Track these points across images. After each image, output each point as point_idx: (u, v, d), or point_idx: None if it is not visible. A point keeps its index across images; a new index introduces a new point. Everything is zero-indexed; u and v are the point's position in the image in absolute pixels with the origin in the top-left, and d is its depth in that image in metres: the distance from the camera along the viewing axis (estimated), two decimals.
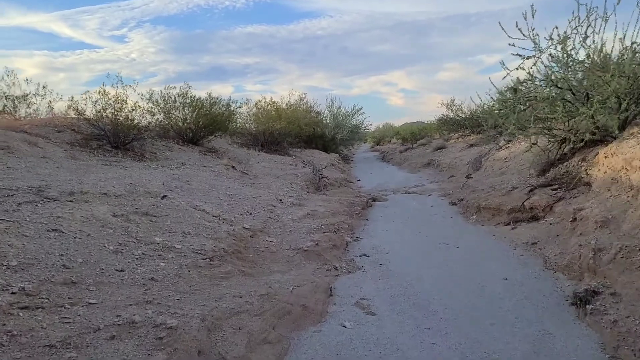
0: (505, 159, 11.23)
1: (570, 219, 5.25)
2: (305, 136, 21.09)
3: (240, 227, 5.88)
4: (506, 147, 12.01)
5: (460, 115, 24.45)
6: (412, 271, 4.97)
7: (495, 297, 4.10)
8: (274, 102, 17.66)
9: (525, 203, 6.81)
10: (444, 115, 25.15)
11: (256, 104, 15.84)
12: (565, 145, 7.66)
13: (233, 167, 9.64)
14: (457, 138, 24.29)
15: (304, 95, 23.01)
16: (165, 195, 6.17)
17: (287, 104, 19.34)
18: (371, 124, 45.01)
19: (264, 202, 7.38)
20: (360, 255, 5.76)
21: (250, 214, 6.64)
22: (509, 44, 6.88)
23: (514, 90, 7.23)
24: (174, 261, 4.26)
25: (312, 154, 18.10)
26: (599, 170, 6.21)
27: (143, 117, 9.98)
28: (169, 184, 6.87)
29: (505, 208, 7.02)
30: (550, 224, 6.03)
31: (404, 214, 8.48)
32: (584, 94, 6.64)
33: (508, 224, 6.70)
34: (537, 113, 6.40)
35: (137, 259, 4.10)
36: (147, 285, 3.67)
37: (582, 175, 6.79)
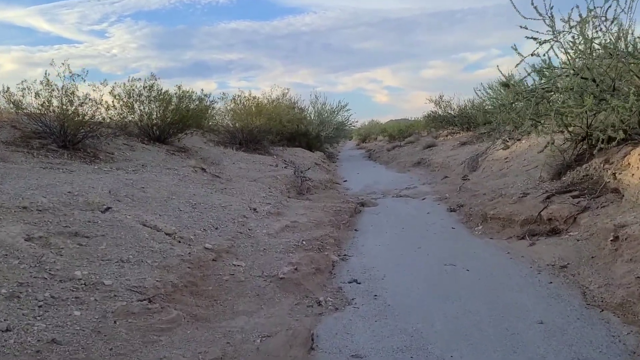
0: (505, 159, 10.24)
1: (611, 238, 4.21)
2: (288, 134, 19.94)
3: (200, 247, 4.73)
4: (504, 148, 11.02)
5: (449, 111, 23.59)
6: (416, 308, 3.88)
7: (535, 354, 3.03)
8: (254, 97, 16.47)
9: (542, 213, 5.78)
10: (432, 112, 24.20)
11: (234, 98, 14.64)
12: (583, 145, 6.65)
13: (202, 169, 8.46)
14: (446, 135, 23.38)
15: (286, 91, 21.83)
16: (109, 208, 4.98)
17: (268, 100, 18.13)
18: (357, 121, 44.02)
19: (234, 213, 6.23)
20: (350, 282, 4.65)
21: (216, 228, 5.48)
22: (521, 27, 5.83)
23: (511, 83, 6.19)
24: (96, 307, 3.11)
25: (295, 152, 16.96)
26: (633, 175, 5.20)
27: (98, 112, 8.75)
28: (117, 192, 5.68)
29: (518, 218, 5.98)
30: (577, 240, 5.00)
31: (397, 223, 7.41)
32: (611, 85, 5.63)
33: (522, 237, 5.66)
34: (560, 107, 5.39)
35: (39, 307, 2.93)
36: (41, 354, 2.51)
37: (607, 180, 5.79)
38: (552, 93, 5.84)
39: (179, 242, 4.73)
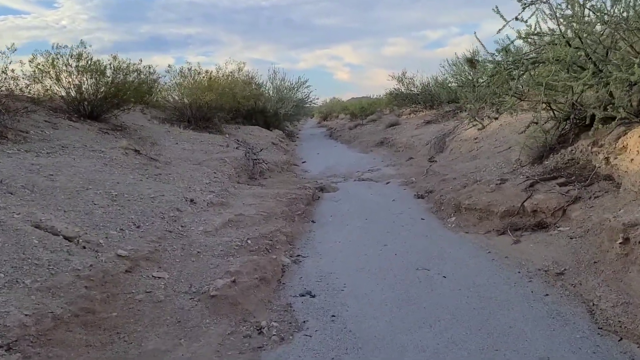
0: (475, 139, 9.51)
1: (620, 240, 3.45)
2: (245, 111, 18.71)
3: (111, 254, 3.68)
4: (474, 125, 10.30)
5: (412, 89, 22.91)
6: (385, 337, 3.00)
7: None
8: (207, 72, 15.11)
9: (525, 204, 5.01)
10: (395, 89, 23.44)
11: (181, 71, 13.26)
12: (566, 125, 5.92)
13: (136, 150, 7.28)
14: (410, 113, 22.75)
15: (242, 65, 20.46)
16: None
17: (223, 74, 16.74)
18: (317, 98, 42.93)
19: (166, 205, 5.16)
20: (303, 295, 3.75)
21: (138, 227, 4.42)
22: None
23: (506, 51, 5.34)
24: None
25: (251, 131, 15.81)
26: (632, 160, 4.47)
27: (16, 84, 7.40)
28: (13, 182, 4.51)
29: (498, 210, 5.20)
30: (571, 237, 4.25)
31: (360, 213, 6.54)
32: (604, 55, 4.86)
33: (503, 232, 4.89)
34: (551, 79, 4.57)
35: None
36: None
37: (598, 166, 5.07)
38: (538, 65, 5.03)
39: (83, 248, 3.66)
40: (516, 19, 4.94)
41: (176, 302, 3.31)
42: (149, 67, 11.08)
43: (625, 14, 4.88)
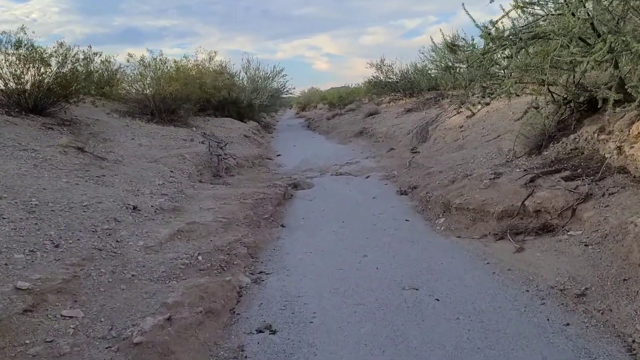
0: (460, 127, 8.79)
1: None
2: (216, 102, 17.72)
3: (7, 288, 2.82)
4: (458, 112, 9.59)
5: (391, 77, 22.19)
6: None
7: None
8: (175, 61, 14.08)
9: (526, 202, 4.29)
10: (374, 77, 22.68)
11: (142, 60, 12.18)
12: (566, 109, 5.21)
13: (79, 149, 6.33)
14: (389, 102, 22.04)
15: (213, 54, 19.40)
16: None
17: (189, 63, 15.67)
18: (294, 88, 41.94)
19: (101, 215, 4.28)
20: (261, 331, 2.95)
21: (57, 246, 3.54)
22: None
23: (494, 26, 4.55)
24: None
25: (222, 123, 14.88)
26: None
27: None
28: None
29: (494, 210, 4.47)
30: (586, 245, 3.53)
31: (337, 214, 5.77)
32: (615, 27, 4.12)
33: (502, 237, 4.16)
34: (557, 55, 3.83)
35: None
36: None
37: (608, 156, 4.37)
38: (537, 40, 4.27)
39: None
40: None
41: (85, 355, 2.48)
42: (108, 57, 10.13)
43: None
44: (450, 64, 18.77)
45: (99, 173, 5.70)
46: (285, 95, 28.46)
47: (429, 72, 19.87)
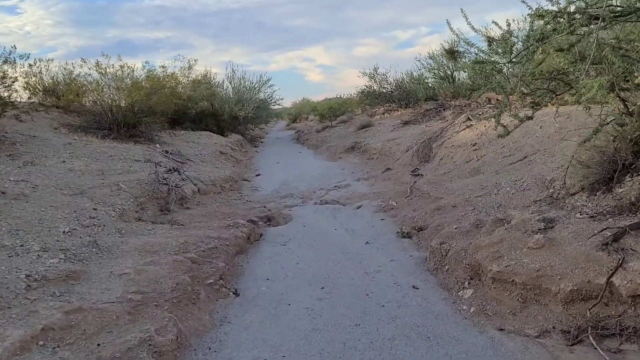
0: (473, 145, 7.17)
1: None
2: (193, 114, 16.07)
3: None
4: (468, 127, 7.98)
5: (385, 86, 20.71)
6: None
7: None
8: (148, 70, 12.42)
9: (614, 280, 2.64)
10: (367, 87, 21.18)
11: (97, 66, 10.48)
12: None
13: None
14: (383, 113, 20.53)
15: (194, 62, 17.80)
16: None
17: (163, 73, 13.98)
18: (282, 98, 40.22)
19: None
20: None
21: None
22: None
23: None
24: None
25: (197, 138, 13.22)
26: None
27: None
28: None
29: (558, 288, 2.80)
30: None
31: (315, 271, 4.10)
32: None
33: (578, 339, 2.51)
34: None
35: None
36: None
37: None
38: (619, 19, 2.69)
39: None
40: None
41: None
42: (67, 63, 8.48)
43: None
44: (449, 71, 17.38)
45: None
46: (275, 106, 26.88)
47: (426, 80, 18.43)
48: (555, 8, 2.68)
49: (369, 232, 5.28)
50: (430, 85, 17.83)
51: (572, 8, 2.71)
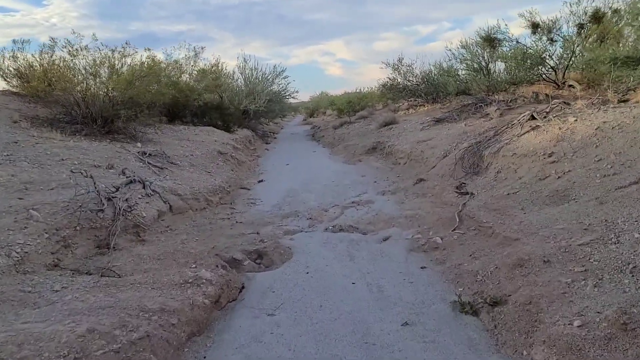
0: (549, 155, 5.14)
1: None
2: (196, 107, 14.31)
3: None
4: (533, 128, 5.95)
5: (410, 79, 18.66)
6: None
7: None
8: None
9: None
10: (390, 79, 19.15)
11: (69, 43, 8.65)
12: None
13: None
14: (408, 109, 18.48)
15: (200, 50, 16.04)
16: None
17: (159, 61, 12.13)
18: (297, 91, 38.17)
19: None
20: None
21: None
22: None
23: None
24: None
25: (195, 134, 11.43)
26: None
27: None
28: None
29: None
30: None
31: None
32: None
33: None
34: None
35: None
36: None
37: None
38: None
39: None
40: None
41: None
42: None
43: None
44: (484, 63, 15.27)
45: None
46: (292, 100, 25.00)
47: (457, 73, 16.33)
48: None
49: (406, 296, 3.35)
50: (462, 77, 15.77)
51: None
